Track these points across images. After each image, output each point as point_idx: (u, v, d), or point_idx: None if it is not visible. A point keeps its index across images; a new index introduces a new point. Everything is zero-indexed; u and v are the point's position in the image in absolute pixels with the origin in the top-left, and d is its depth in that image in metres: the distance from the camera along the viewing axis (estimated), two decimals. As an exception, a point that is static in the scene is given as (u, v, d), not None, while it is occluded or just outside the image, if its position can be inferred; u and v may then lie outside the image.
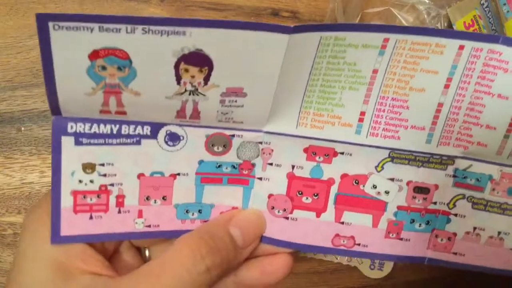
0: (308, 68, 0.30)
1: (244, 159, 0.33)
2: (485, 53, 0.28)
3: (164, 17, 0.27)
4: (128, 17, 0.24)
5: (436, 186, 0.32)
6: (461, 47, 0.28)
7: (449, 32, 0.28)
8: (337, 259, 0.49)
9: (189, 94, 0.29)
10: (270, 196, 0.33)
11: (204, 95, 0.29)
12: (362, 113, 0.31)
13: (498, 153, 0.30)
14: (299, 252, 0.45)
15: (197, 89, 0.29)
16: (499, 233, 0.33)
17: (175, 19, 0.25)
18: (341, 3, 0.42)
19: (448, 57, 0.29)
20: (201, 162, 0.32)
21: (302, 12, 0.44)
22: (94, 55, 0.26)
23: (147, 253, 0.35)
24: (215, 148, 0.32)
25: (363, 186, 0.33)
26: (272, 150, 0.32)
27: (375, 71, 0.30)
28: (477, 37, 0.28)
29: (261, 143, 0.32)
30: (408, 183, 0.32)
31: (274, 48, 0.28)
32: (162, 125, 0.31)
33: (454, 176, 0.32)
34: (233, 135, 0.32)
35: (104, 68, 0.26)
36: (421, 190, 0.32)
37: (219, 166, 0.33)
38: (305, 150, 0.32)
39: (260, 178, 0.33)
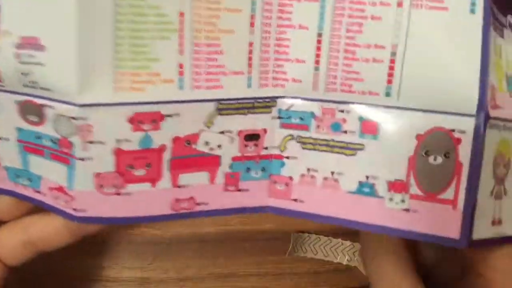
0: (110, 13, 0.27)
1: (62, 135, 0.29)
2: None
3: None
4: None
5: (265, 131, 0.33)
6: None
7: None
8: (337, 259, 0.46)
9: None
10: (96, 175, 0.29)
11: None
12: (181, 65, 0.30)
13: (314, 89, 0.32)
14: (300, 253, 0.43)
15: None
16: (332, 173, 0.33)
17: None
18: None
19: None
20: (20, 129, 0.29)
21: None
22: None
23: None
24: (30, 118, 0.28)
25: (196, 145, 0.31)
26: (91, 126, 0.29)
27: (181, 14, 0.29)
28: None
29: (75, 118, 0.28)
30: (239, 133, 0.32)
31: None
32: None
33: (279, 117, 0.33)
34: (44, 105, 0.28)
35: None
36: (251, 137, 0.32)
37: (39, 137, 0.29)
38: (130, 120, 0.29)
39: (82, 159, 0.29)
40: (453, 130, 0.30)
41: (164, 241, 0.42)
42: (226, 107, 0.31)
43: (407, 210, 0.32)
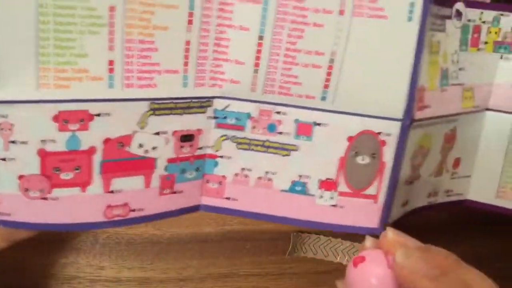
0: (32, 5, 0.25)
1: None
2: None
3: None
4: None
5: (200, 131, 0.32)
6: None
7: None
8: (337, 259, 0.45)
9: None
10: (21, 177, 0.27)
11: None
12: (111, 62, 0.28)
13: (252, 90, 0.31)
14: (300, 253, 0.42)
15: None
16: (266, 173, 0.33)
17: None
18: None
19: None
20: None
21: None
22: None
23: None
24: None
25: (129, 147, 0.30)
26: (12, 125, 0.26)
27: (112, 9, 0.27)
28: None
29: None
30: (174, 134, 0.31)
31: None
32: None
33: (215, 117, 0.32)
34: None
35: None
36: (186, 138, 0.31)
37: None
38: (55, 119, 0.27)
39: (4, 159, 0.27)
40: (380, 133, 0.32)
41: (164, 241, 0.41)
42: (161, 107, 0.30)
43: (335, 206, 0.34)
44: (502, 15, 0.36)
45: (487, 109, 0.38)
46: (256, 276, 0.43)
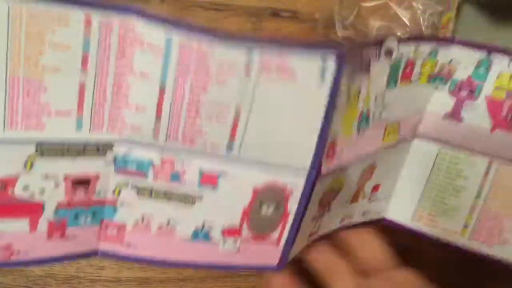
0: None
1: None
2: (118, 27, 0.27)
3: None
4: None
5: (97, 176, 0.30)
6: (88, 20, 0.26)
7: None
8: None
9: None
10: None
11: None
12: None
13: (154, 138, 0.29)
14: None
15: None
16: (168, 220, 0.32)
17: None
18: (336, -5, 0.42)
19: (76, 30, 0.26)
20: None
21: (303, 12, 0.42)
22: None
23: None
24: None
25: (13, 189, 0.28)
26: None
27: None
28: (104, 7, 0.26)
29: None
30: (65, 178, 0.29)
31: None
32: None
33: (115, 163, 0.30)
34: None
35: None
36: (81, 182, 0.29)
37: None
38: None
39: None
40: (286, 186, 0.31)
41: (164, 241, 0.41)
42: (49, 149, 0.28)
43: (238, 250, 0.33)
44: (440, 47, 0.34)
45: (415, 136, 0.38)
46: (256, 276, 0.43)
